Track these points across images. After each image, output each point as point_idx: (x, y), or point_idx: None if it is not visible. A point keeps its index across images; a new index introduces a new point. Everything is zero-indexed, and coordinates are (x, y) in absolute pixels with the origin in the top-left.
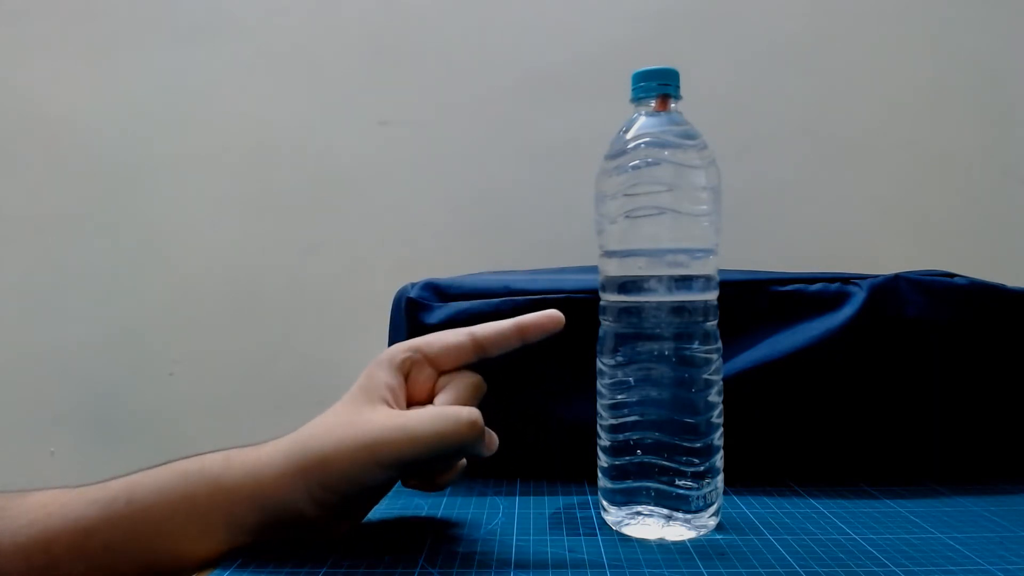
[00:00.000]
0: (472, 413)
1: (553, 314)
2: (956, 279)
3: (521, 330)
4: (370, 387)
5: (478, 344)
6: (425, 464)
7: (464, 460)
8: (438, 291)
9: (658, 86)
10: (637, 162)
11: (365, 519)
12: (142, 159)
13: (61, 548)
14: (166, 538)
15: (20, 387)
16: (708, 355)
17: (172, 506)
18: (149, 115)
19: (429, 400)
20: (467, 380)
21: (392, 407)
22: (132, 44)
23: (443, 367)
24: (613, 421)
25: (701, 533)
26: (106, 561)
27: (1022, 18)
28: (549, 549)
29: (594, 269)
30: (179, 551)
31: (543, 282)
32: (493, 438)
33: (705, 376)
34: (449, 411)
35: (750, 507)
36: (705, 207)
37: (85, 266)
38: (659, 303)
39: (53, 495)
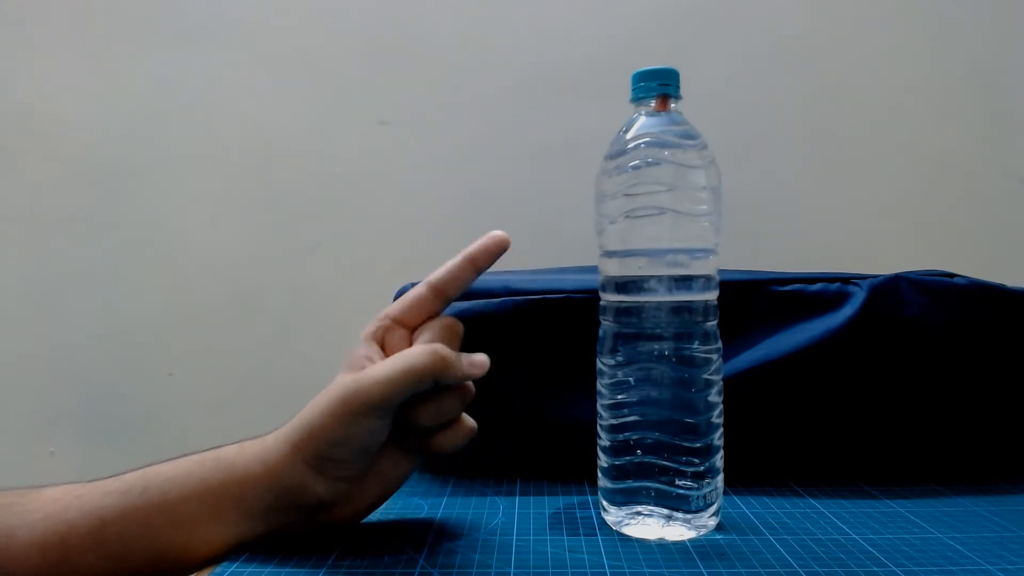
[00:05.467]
0: (431, 346)
1: (496, 234)
2: (956, 279)
3: (471, 260)
4: (351, 363)
5: (436, 289)
6: (410, 407)
7: (470, 422)
8: None
9: (658, 86)
10: (637, 162)
11: (365, 520)
12: (142, 159)
13: (76, 539)
14: (179, 525)
15: (20, 387)
16: (708, 355)
17: (186, 491)
18: (149, 115)
19: None
20: (438, 323)
21: None
22: (132, 44)
23: (412, 323)
24: (613, 421)
25: (701, 533)
26: (118, 551)
27: (1022, 18)
28: (549, 549)
29: (594, 269)
30: (191, 539)
31: (543, 282)
32: (477, 359)
33: (705, 376)
34: (408, 351)
35: (750, 507)
36: (705, 207)
37: (85, 266)
38: (659, 303)
39: (67, 489)
